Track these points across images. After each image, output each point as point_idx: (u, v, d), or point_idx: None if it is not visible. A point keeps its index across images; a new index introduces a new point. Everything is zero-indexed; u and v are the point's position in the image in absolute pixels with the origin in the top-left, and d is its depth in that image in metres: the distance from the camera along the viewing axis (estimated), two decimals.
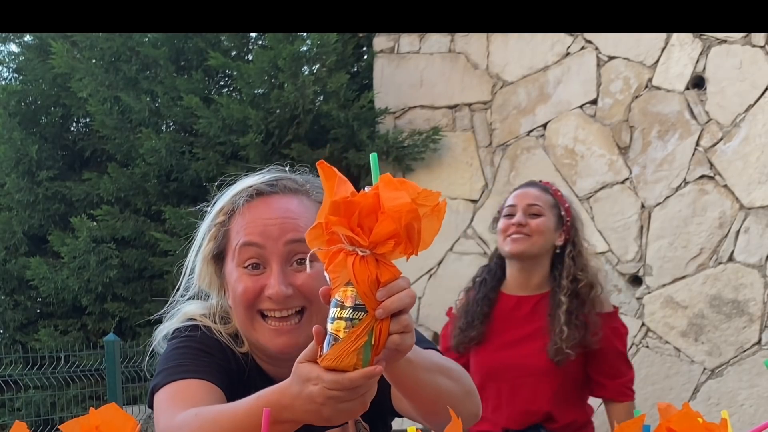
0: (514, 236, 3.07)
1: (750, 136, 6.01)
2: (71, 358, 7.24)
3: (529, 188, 3.19)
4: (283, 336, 1.61)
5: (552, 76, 6.66)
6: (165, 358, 1.68)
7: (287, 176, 1.73)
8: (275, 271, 1.59)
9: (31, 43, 8.48)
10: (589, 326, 3.05)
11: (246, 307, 1.62)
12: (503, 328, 3.14)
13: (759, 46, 6.01)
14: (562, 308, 3.01)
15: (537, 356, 3.07)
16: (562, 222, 3.15)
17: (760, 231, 5.95)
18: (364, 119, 7.07)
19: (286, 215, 1.62)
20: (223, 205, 1.69)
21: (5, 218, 7.94)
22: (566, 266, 3.07)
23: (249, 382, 1.65)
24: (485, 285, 3.17)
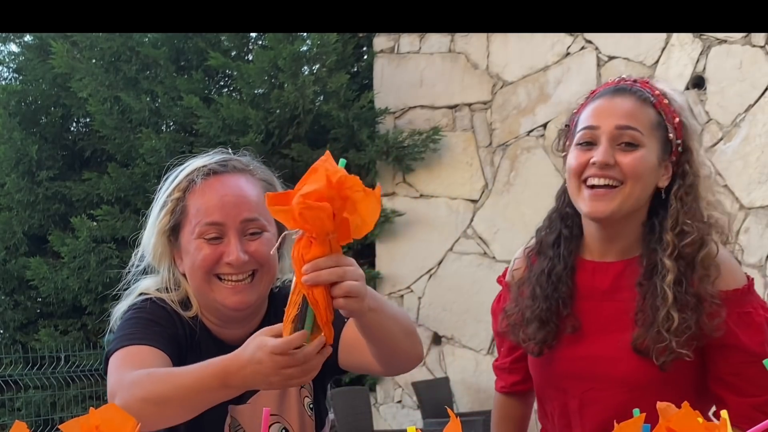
0: (597, 182, 1.81)
1: (750, 136, 6.01)
2: (71, 358, 7.24)
3: (619, 97, 1.87)
4: (239, 294, 1.81)
5: (552, 76, 6.66)
6: (118, 328, 1.84)
7: (234, 157, 1.94)
8: (233, 241, 1.81)
9: (31, 43, 8.48)
10: (704, 304, 1.80)
11: (205, 272, 1.82)
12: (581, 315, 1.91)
13: (759, 46, 6.01)
14: (666, 279, 1.80)
15: (624, 358, 1.86)
16: (669, 148, 1.86)
17: (760, 231, 5.95)
18: (364, 119, 7.07)
19: (240, 192, 1.84)
20: (179, 182, 1.88)
21: (5, 218, 7.94)
22: (671, 213, 1.83)
23: (199, 344, 1.84)
24: (566, 248, 1.91)
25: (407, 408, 6.90)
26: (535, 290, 1.92)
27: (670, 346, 1.79)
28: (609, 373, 1.87)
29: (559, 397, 1.95)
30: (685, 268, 1.82)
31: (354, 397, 6.35)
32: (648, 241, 1.86)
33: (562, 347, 1.91)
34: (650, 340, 1.81)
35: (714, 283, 1.81)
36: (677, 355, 1.79)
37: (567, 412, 1.94)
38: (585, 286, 1.91)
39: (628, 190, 1.81)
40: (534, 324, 1.91)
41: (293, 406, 1.89)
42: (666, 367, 1.80)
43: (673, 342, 1.78)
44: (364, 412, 6.35)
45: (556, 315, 1.89)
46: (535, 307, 1.91)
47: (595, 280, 1.90)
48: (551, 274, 1.91)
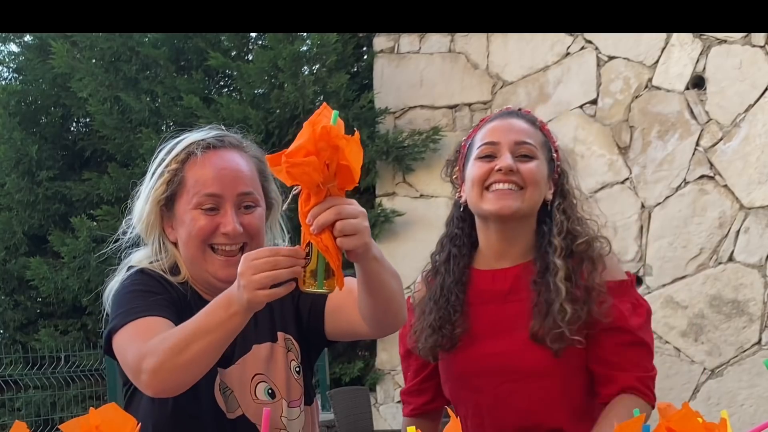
0: (502, 187, 2.04)
1: (750, 136, 6.01)
2: (71, 358, 7.24)
3: (513, 119, 2.13)
4: (230, 267, 1.86)
5: (552, 76, 6.66)
6: (116, 304, 1.89)
7: (229, 134, 2.02)
8: (230, 213, 1.89)
9: (31, 43, 8.49)
10: (592, 294, 2.04)
11: (201, 241, 1.89)
12: (477, 317, 2.12)
13: (759, 46, 6.01)
14: (558, 275, 2.03)
15: (528, 350, 2.05)
16: (553, 167, 2.13)
17: (760, 231, 5.95)
18: (364, 119, 7.07)
19: (237, 167, 1.93)
20: (177, 153, 1.94)
21: (5, 218, 7.94)
22: (557, 221, 2.08)
23: (190, 307, 1.88)
24: (456, 264, 2.16)
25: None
26: (429, 304, 2.16)
27: (564, 335, 2.01)
28: (517, 366, 2.06)
29: (472, 397, 2.12)
30: (574, 265, 2.07)
31: (354, 397, 6.35)
32: (539, 246, 2.10)
33: (465, 348, 2.11)
34: (545, 330, 2.02)
35: (601, 275, 2.06)
36: (570, 342, 2.01)
37: (480, 412, 2.11)
38: (485, 291, 2.13)
39: (528, 194, 2.06)
40: (427, 331, 2.14)
41: (280, 367, 1.94)
42: (559, 354, 2.02)
43: (567, 330, 2.01)
44: (364, 412, 6.35)
45: (448, 322, 2.11)
46: (429, 317, 2.14)
47: (495, 285, 2.12)
48: (443, 287, 2.16)
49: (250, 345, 1.94)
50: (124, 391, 1.96)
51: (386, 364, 6.90)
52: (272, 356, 1.95)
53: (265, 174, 1.99)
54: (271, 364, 1.94)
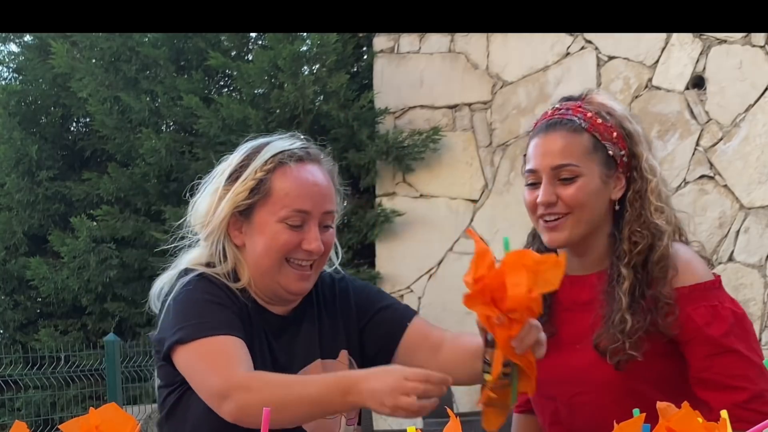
0: (548, 219, 1.98)
1: (750, 136, 6.01)
2: (71, 358, 7.23)
3: (551, 134, 1.98)
4: (303, 281, 1.90)
5: (552, 76, 6.66)
6: (181, 311, 1.85)
7: (311, 145, 1.99)
8: (314, 230, 1.88)
9: (31, 43, 8.48)
10: (658, 305, 1.90)
11: (281, 255, 1.88)
12: (561, 323, 2.03)
13: (759, 46, 6.01)
14: (623, 286, 1.92)
15: (597, 362, 1.96)
16: (614, 163, 1.98)
17: (760, 231, 5.95)
18: (364, 119, 7.07)
19: (326, 184, 1.93)
20: (262, 162, 1.90)
21: (5, 218, 7.94)
22: (626, 221, 1.96)
23: (249, 315, 1.90)
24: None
25: None
26: None
27: (623, 347, 1.90)
28: (591, 378, 1.97)
29: (549, 405, 2.06)
30: (641, 274, 1.94)
31: None
32: (612, 252, 1.99)
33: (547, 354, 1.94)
34: (606, 341, 1.93)
35: (671, 283, 1.93)
36: (629, 356, 1.90)
37: (559, 419, 2.05)
38: (566, 298, 2.02)
39: (575, 218, 1.96)
40: None
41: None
42: (621, 367, 1.92)
43: (627, 343, 1.90)
44: (364, 411, 6.35)
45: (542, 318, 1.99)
46: None
47: (574, 292, 2.01)
48: None
49: (313, 358, 1.94)
50: (168, 392, 1.92)
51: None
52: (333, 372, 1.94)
53: (338, 188, 1.99)
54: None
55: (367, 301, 2.02)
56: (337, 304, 2.01)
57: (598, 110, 2.00)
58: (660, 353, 1.94)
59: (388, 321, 1.99)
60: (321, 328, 1.97)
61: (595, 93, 2.07)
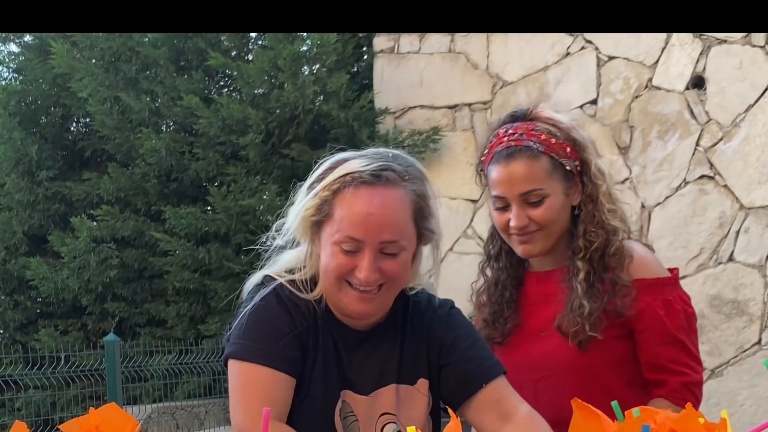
0: (520, 238, 2.18)
1: (750, 136, 6.01)
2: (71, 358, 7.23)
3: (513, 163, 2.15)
4: (364, 303, 1.85)
5: (552, 76, 6.66)
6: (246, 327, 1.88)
7: (391, 165, 1.92)
8: (368, 259, 1.83)
9: (31, 43, 8.48)
10: (616, 287, 2.13)
11: (336, 278, 1.85)
12: (526, 316, 2.25)
13: (759, 46, 6.01)
14: (578, 276, 2.14)
15: (559, 346, 2.16)
16: (571, 175, 2.18)
17: (760, 231, 5.95)
18: (364, 119, 7.07)
19: (386, 212, 1.84)
20: (329, 182, 1.87)
21: (5, 218, 7.94)
22: (580, 221, 2.18)
23: (320, 327, 1.90)
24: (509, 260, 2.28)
25: None
26: (484, 297, 2.31)
27: (584, 329, 2.11)
28: (550, 361, 2.17)
29: (520, 392, 2.16)
30: (597, 264, 2.15)
31: None
32: (569, 248, 2.20)
33: (511, 345, 2.24)
34: (566, 325, 2.13)
35: (627, 269, 2.15)
36: (589, 336, 2.11)
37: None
38: (533, 293, 2.25)
39: (546, 233, 2.16)
40: (481, 324, 2.27)
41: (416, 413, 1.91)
42: (584, 347, 2.13)
43: (587, 325, 2.11)
44: None
45: (501, 316, 2.25)
46: (484, 310, 2.29)
47: (540, 287, 2.24)
48: (497, 283, 2.28)
49: (388, 381, 1.91)
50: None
51: None
52: (408, 400, 1.91)
53: (424, 212, 1.92)
54: (407, 408, 1.91)
55: (456, 342, 1.95)
56: (425, 330, 1.96)
57: (548, 129, 2.17)
58: (617, 336, 2.15)
59: (468, 372, 1.92)
60: (402, 350, 1.93)
61: (539, 109, 2.21)
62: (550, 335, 2.17)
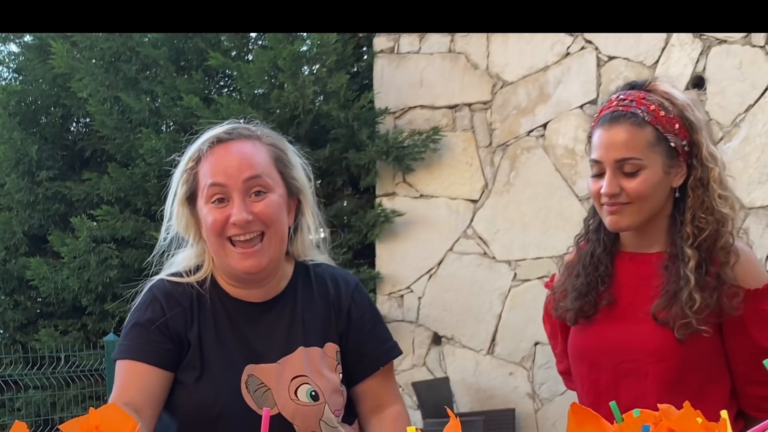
0: (611, 208, 2.06)
1: (750, 136, 6.01)
2: (71, 358, 7.24)
3: (615, 127, 2.05)
4: (249, 258, 1.89)
5: (552, 76, 6.66)
6: (127, 324, 2.00)
7: (242, 125, 2.02)
8: (237, 202, 1.88)
9: (31, 43, 8.48)
10: (724, 286, 2.00)
11: (216, 235, 1.90)
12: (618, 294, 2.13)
13: (759, 46, 6.01)
14: (688, 265, 2.00)
15: (651, 332, 2.04)
16: (676, 153, 2.06)
17: (760, 231, 5.95)
18: (364, 119, 7.07)
19: (242, 156, 1.92)
20: (191, 153, 1.98)
21: (5, 218, 7.94)
22: (688, 206, 2.05)
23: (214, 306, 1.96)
24: (606, 234, 2.16)
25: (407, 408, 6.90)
26: (578, 268, 2.17)
27: (690, 323, 1.98)
28: (638, 346, 2.05)
29: (590, 374, 2.13)
30: (705, 254, 2.01)
31: None
32: (671, 233, 2.07)
33: (597, 322, 2.12)
34: (673, 316, 2.00)
35: (733, 268, 2.02)
36: (696, 330, 1.99)
37: (597, 389, 2.11)
38: (624, 273, 2.13)
39: (637, 208, 2.04)
40: (573, 294, 2.14)
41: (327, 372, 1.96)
42: (684, 341, 2.00)
43: (694, 320, 1.98)
44: None
45: (594, 290, 2.12)
46: (576, 281, 2.15)
47: (633, 268, 2.12)
48: (593, 255, 2.15)
49: (295, 346, 1.95)
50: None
51: None
52: (319, 361, 1.95)
53: (284, 160, 1.98)
54: (317, 368, 1.94)
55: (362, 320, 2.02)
56: (332, 298, 2.01)
57: (661, 101, 2.06)
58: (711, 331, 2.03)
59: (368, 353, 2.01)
60: (305, 314, 1.97)
61: (658, 81, 2.12)
62: (641, 321, 2.06)
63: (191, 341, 1.93)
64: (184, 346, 1.93)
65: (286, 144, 2.02)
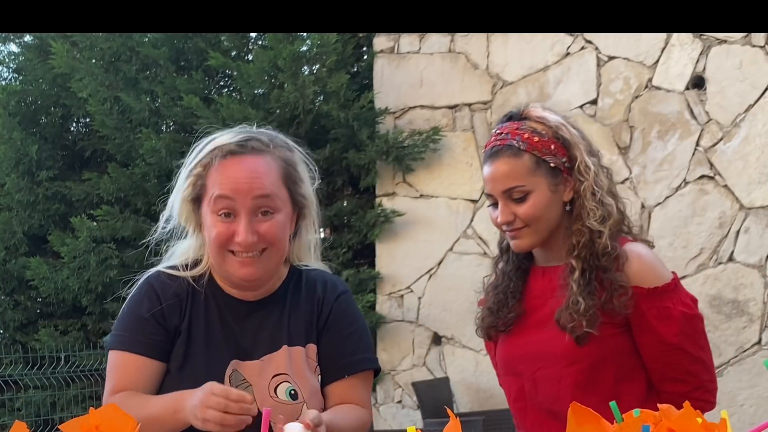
0: (510, 234, 2.25)
1: (750, 136, 6.01)
2: (71, 358, 7.24)
3: (496, 162, 2.22)
4: (247, 267, 1.94)
5: (552, 76, 6.66)
6: (118, 318, 2.03)
7: (256, 136, 2.03)
8: (243, 221, 1.90)
9: (31, 43, 8.48)
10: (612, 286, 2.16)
11: (218, 247, 1.94)
12: (529, 307, 2.29)
13: (759, 46, 6.01)
14: (574, 275, 2.17)
15: (559, 338, 2.19)
16: (558, 171, 2.22)
17: (760, 231, 5.95)
18: (364, 119, 7.07)
19: (254, 175, 1.93)
20: (201, 158, 1.99)
21: (5, 218, 7.94)
22: (573, 218, 2.22)
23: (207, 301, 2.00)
24: (515, 254, 2.32)
25: (407, 408, 6.90)
26: (491, 287, 2.37)
27: (581, 325, 2.14)
28: (549, 352, 2.21)
29: (516, 382, 2.29)
30: (591, 262, 2.18)
31: None
32: (566, 245, 2.24)
33: (513, 334, 2.29)
34: (565, 320, 2.16)
35: (624, 268, 2.17)
36: (586, 332, 2.14)
37: (523, 396, 2.28)
38: (537, 286, 2.29)
39: (533, 229, 2.22)
40: (486, 312, 2.34)
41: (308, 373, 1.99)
42: (582, 342, 2.15)
43: (583, 321, 2.14)
44: None
45: (505, 306, 2.30)
46: (489, 301, 2.35)
47: (545, 282, 2.28)
48: (504, 273, 2.35)
49: (279, 344, 1.99)
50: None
51: (386, 364, 6.90)
52: (302, 361, 1.99)
53: (294, 177, 2.00)
54: (299, 368, 1.98)
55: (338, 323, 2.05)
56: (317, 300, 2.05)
57: (533, 127, 2.23)
58: (615, 332, 2.18)
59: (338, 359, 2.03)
60: (291, 314, 2.01)
61: (531, 108, 2.28)
62: (551, 328, 2.20)
63: (181, 331, 1.98)
64: (176, 335, 1.98)
65: (296, 157, 2.05)
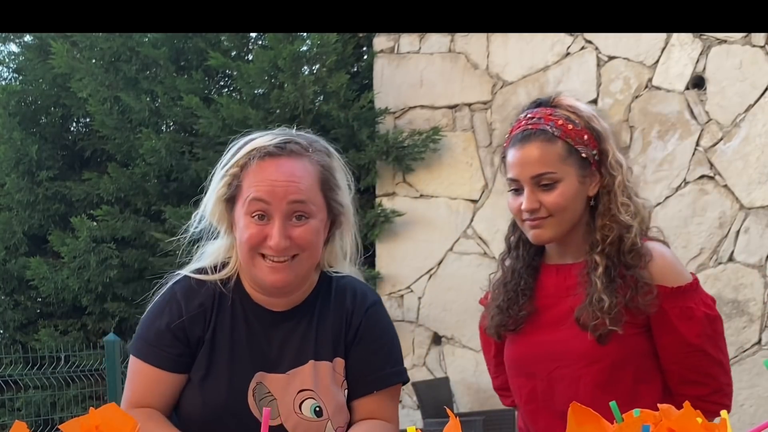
0: (532, 222, 2.14)
1: (750, 136, 6.01)
2: (71, 358, 7.24)
3: (527, 146, 2.14)
4: (277, 273, 1.89)
5: (552, 76, 6.66)
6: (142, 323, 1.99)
7: (295, 139, 1.99)
8: (277, 225, 1.87)
9: (31, 43, 8.48)
10: (637, 284, 2.09)
11: (249, 249, 1.90)
12: (541, 306, 2.21)
13: (759, 46, 6.01)
14: (597, 271, 2.10)
15: (578, 337, 2.12)
16: (588, 163, 2.15)
17: (760, 231, 5.95)
18: (364, 119, 7.07)
19: (290, 179, 1.89)
20: (239, 158, 1.94)
21: (5, 218, 7.94)
22: (599, 214, 2.15)
23: (235, 309, 1.96)
24: (526, 249, 2.25)
25: (407, 408, 6.90)
26: (500, 286, 2.26)
27: (604, 323, 2.07)
28: (567, 351, 2.13)
29: (528, 383, 2.20)
30: (615, 259, 2.11)
31: None
32: (587, 241, 2.17)
33: (525, 332, 2.20)
34: (586, 318, 2.09)
35: (648, 267, 2.10)
36: (609, 330, 2.08)
37: (535, 397, 2.19)
38: (550, 285, 2.21)
39: (557, 220, 2.13)
40: (495, 311, 2.24)
41: (334, 389, 1.94)
42: (603, 341, 2.09)
43: (606, 319, 2.07)
44: None
45: (515, 304, 2.20)
46: (498, 298, 2.25)
47: (560, 279, 2.20)
48: (514, 271, 2.24)
49: (306, 358, 1.95)
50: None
51: None
52: (328, 376, 1.95)
53: (331, 183, 1.96)
54: (325, 384, 1.94)
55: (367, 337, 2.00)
56: (346, 312, 1.99)
57: (567, 115, 2.16)
58: (637, 332, 2.12)
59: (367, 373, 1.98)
60: (319, 327, 1.96)
61: (562, 96, 2.21)
62: (569, 327, 2.13)
63: (205, 341, 1.94)
64: (198, 346, 1.94)
65: (335, 163, 2.00)
